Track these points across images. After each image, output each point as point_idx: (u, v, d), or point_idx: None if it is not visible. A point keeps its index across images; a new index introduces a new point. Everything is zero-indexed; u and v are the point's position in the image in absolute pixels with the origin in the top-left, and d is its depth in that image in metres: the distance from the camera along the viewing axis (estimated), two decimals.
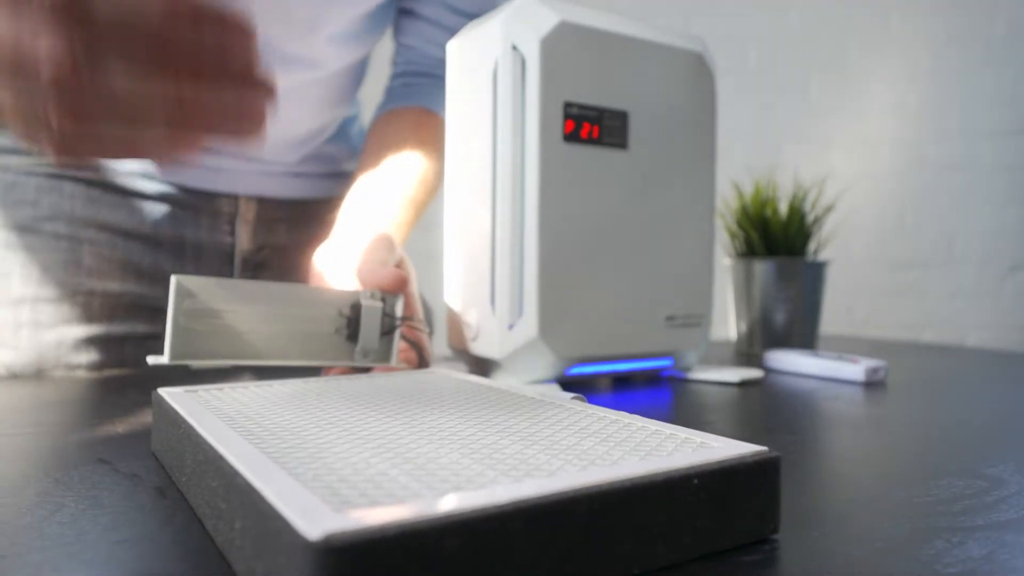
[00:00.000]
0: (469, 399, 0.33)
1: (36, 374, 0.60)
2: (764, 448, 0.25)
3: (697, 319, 0.59)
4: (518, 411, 0.31)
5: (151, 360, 0.39)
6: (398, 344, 0.47)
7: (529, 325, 0.51)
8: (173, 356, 0.40)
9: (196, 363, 0.40)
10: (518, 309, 0.51)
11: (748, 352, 0.78)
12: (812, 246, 0.79)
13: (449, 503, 0.18)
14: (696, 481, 0.22)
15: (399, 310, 0.47)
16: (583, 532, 0.20)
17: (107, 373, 0.59)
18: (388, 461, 0.23)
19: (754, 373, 0.59)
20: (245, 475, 0.21)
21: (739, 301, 0.79)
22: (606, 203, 0.53)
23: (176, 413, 0.30)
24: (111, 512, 0.26)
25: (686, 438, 0.26)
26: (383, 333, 0.46)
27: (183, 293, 0.40)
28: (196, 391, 0.35)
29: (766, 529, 0.24)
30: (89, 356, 0.61)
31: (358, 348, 0.46)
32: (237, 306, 0.42)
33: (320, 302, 0.45)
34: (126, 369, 0.62)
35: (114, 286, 0.62)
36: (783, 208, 0.78)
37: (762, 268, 0.76)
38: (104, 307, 0.62)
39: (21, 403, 0.46)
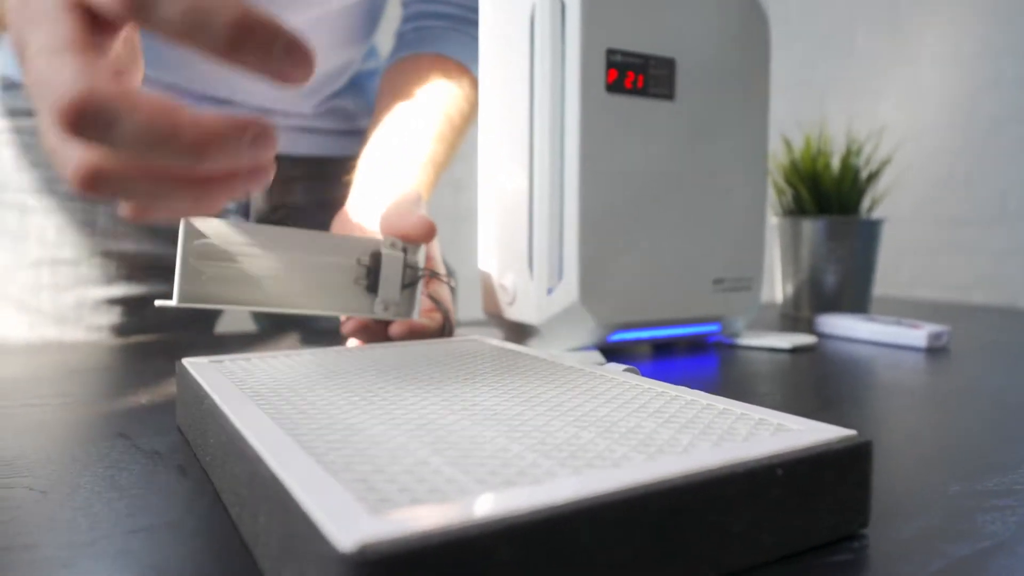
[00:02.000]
0: (510, 370, 0.31)
1: (59, 339, 0.59)
2: (853, 432, 0.22)
3: (747, 282, 0.55)
4: (566, 385, 0.28)
5: (159, 302, 0.37)
6: (420, 298, 0.44)
7: (569, 289, 0.48)
8: (182, 298, 0.37)
9: (206, 307, 0.38)
10: (557, 272, 0.48)
11: (795, 316, 0.74)
12: (865, 203, 0.75)
13: (504, 502, 0.16)
14: (780, 472, 0.19)
15: (421, 261, 0.44)
16: (653, 533, 0.17)
17: (131, 340, 0.58)
18: (428, 446, 0.20)
19: (806, 339, 0.55)
20: (269, 464, 0.18)
21: (786, 262, 0.75)
22: (651, 158, 0.50)
23: (199, 386, 0.28)
24: (128, 495, 0.24)
25: (761, 419, 0.23)
26: (404, 285, 0.44)
27: (192, 233, 0.37)
28: (222, 361, 0.33)
29: (855, 524, 0.21)
30: (111, 318, 0.60)
31: (378, 299, 0.43)
32: (251, 250, 0.39)
33: (339, 250, 0.42)
34: (149, 335, 0.61)
35: (130, 247, 0.60)
36: (835, 163, 0.74)
37: (812, 227, 0.72)
38: (122, 268, 0.60)
39: (43, 371, 0.45)
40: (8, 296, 0.59)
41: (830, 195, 0.73)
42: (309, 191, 0.69)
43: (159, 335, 0.61)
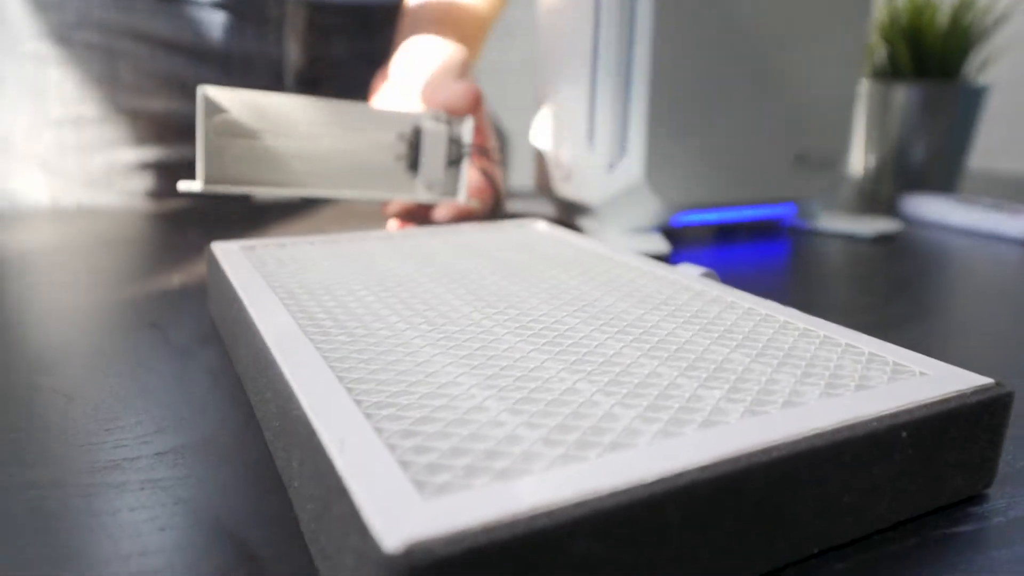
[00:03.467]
0: (569, 270, 0.27)
1: (90, 204, 0.57)
2: (990, 381, 0.18)
3: (832, 159, 0.50)
4: (637, 295, 0.24)
5: (182, 186, 0.34)
6: (466, 176, 0.40)
7: (633, 166, 0.43)
8: (207, 181, 0.34)
9: (233, 190, 0.35)
10: (620, 147, 0.44)
11: (874, 192, 0.68)
12: (971, 66, 0.66)
13: (582, 480, 0.13)
14: (905, 435, 0.16)
15: (468, 135, 0.40)
16: (752, 509, 0.14)
17: (166, 206, 0.55)
18: (484, 384, 0.17)
19: (890, 226, 0.50)
20: (305, 408, 0.16)
21: (870, 130, 0.68)
22: (735, 13, 0.43)
23: (229, 284, 0.25)
24: (156, 405, 0.22)
25: (871, 354, 0.20)
26: (449, 162, 0.40)
27: (212, 107, 0.33)
28: (254, 248, 0.30)
29: (979, 484, 0.18)
30: (143, 183, 0.58)
31: (420, 179, 0.39)
32: (278, 125, 0.35)
33: (377, 124, 0.38)
34: (185, 200, 0.58)
35: (158, 105, 0.57)
36: (943, 18, 0.64)
37: (906, 92, 0.64)
38: (151, 128, 0.57)
39: (75, 242, 0.43)
40: (34, 158, 0.57)
41: (932, 55, 0.64)
42: (350, 42, 0.63)
43: (195, 201, 0.59)
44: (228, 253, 0.29)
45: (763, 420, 0.16)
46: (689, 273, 0.27)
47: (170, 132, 0.57)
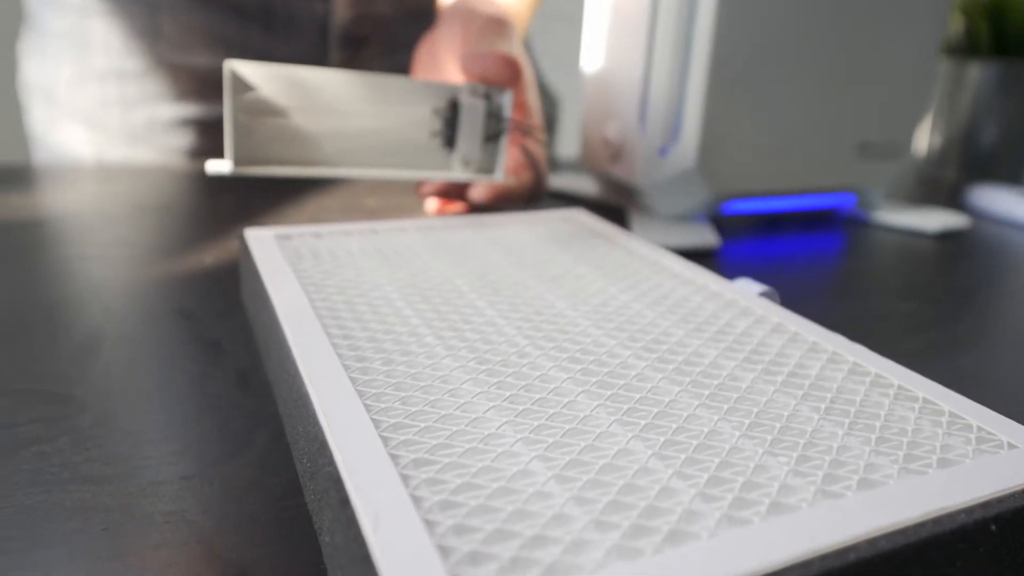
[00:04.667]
0: (619, 284, 0.26)
1: (130, 159, 0.56)
2: None
3: (897, 147, 0.46)
4: (694, 321, 0.23)
5: (211, 168, 0.33)
6: (505, 153, 0.38)
7: (686, 151, 0.40)
8: (237, 162, 0.33)
9: (263, 172, 0.33)
10: (674, 130, 0.41)
11: (936, 178, 0.64)
12: None
13: None
14: (995, 528, 0.15)
15: (507, 109, 0.37)
16: None
17: (203, 166, 0.54)
18: (539, 448, 0.16)
19: (956, 220, 0.47)
20: (334, 453, 0.15)
21: (938, 111, 0.64)
22: None
23: (262, 284, 0.24)
24: (182, 413, 0.21)
25: (953, 414, 0.18)
26: (487, 138, 0.38)
27: (239, 84, 0.32)
28: (290, 238, 0.29)
29: None
30: (184, 139, 0.57)
31: (457, 155, 0.37)
32: (309, 102, 0.33)
33: (411, 98, 0.36)
34: (224, 159, 0.57)
35: (200, 60, 0.55)
36: None
37: (982, 70, 0.59)
38: (193, 84, 0.56)
39: (110, 207, 0.42)
40: (77, 112, 0.56)
41: (1015, 32, 0.59)
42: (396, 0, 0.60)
43: None
44: (262, 243, 0.27)
45: (838, 507, 0.14)
46: (747, 291, 0.25)
47: (211, 88, 0.56)
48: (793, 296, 0.34)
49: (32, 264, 0.33)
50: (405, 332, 0.21)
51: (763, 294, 0.25)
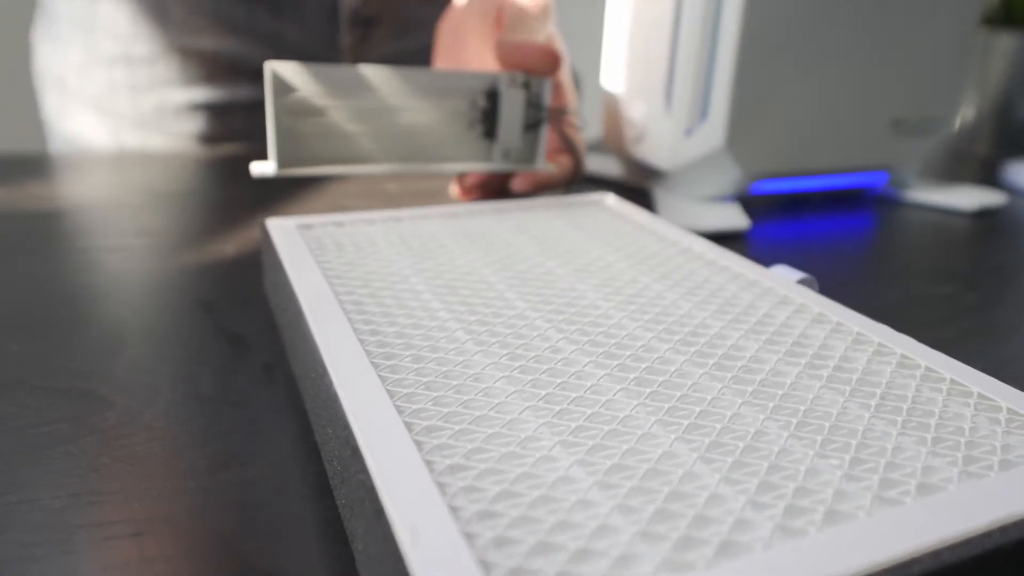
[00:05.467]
0: (653, 273, 0.25)
1: (141, 146, 0.56)
2: None
3: (934, 123, 0.45)
4: (731, 312, 0.22)
5: (256, 170, 0.32)
6: (545, 142, 0.37)
7: (714, 131, 0.39)
8: (281, 163, 0.33)
9: (307, 172, 0.33)
10: (701, 109, 0.40)
11: (968, 152, 0.62)
12: None
13: None
14: None
15: (547, 97, 0.37)
16: None
17: (219, 151, 0.54)
18: (578, 452, 0.15)
19: (993, 198, 0.46)
20: (371, 470, 0.14)
21: (970, 82, 0.62)
22: None
23: (286, 276, 0.23)
24: (207, 415, 0.21)
25: (1012, 411, 0.17)
26: (527, 127, 0.37)
27: (281, 85, 0.31)
28: (312, 227, 0.28)
29: None
30: (195, 125, 0.56)
31: (497, 146, 0.37)
32: (346, 99, 0.33)
33: (449, 90, 0.35)
34: (237, 144, 0.57)
35: (208, 43, 0.54)
36: None
37: (1017, 40, 0.57)
38: (202, 68, 0.55)
39: (127, 195, 0.42)
40: (86, 98, 0.55)
41: None
42: None
43: (249, 144, 0.57)
44: (284, 233, 0.27)
45: (898, 516, 0.13)
46: (785, 279, 0.24)
47: (220, 71, 0.55)
48: (826, 280, 0.33)
49: (53, 256, 0.32)
50: (434, 327, 0.20)
51: (801, 281, 0.25)
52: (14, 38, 1.13)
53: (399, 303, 0.22)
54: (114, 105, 0.55)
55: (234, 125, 0.57)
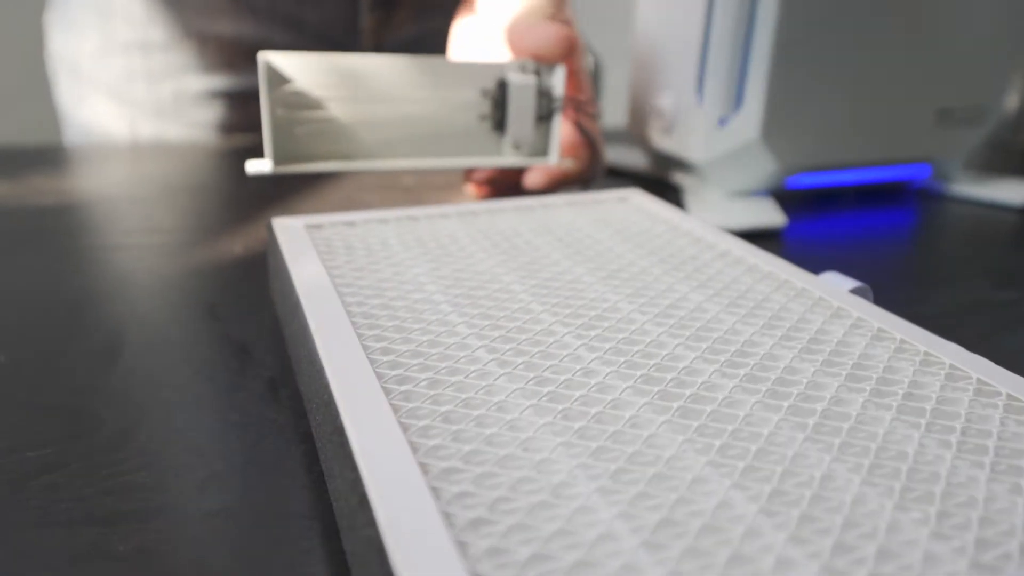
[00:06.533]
0: (691, 281, 0.23)
1: (159, 136, 0.54)
2: None
3: (980, 112, 0.42)
4: (781, 327, 0.20)
5: (251, 169, 0.30)
6: (559, 133, 0.35)
7: (749, 122, 0.37)
8: (277, 160, 0.31)
9: (305, 169, 0.31)
10: (735, 98, 0.37)
11: (1010, 143, 0.59)
12: None
13: None
14: None
15: (560, 86, 0.34)
16: None
17: (236, 141, 0.52)
18: (601, 479, 0.13)
19: None
20: (379, 522, 0.12)
21: (1020, 69, 0.58)
22: None
23: (291, 281, 0.22)
24: (207, 436, 0.19)
25: None
26: (539, 118, 0.35)
27: (275, 77, 0.30)
28: (321, 227, 0.26)
29: None
30: (212, 113, 0.54)
31: (507, 139, 0.35)
32: (349, 91, 0.31)
33: (457, 80, 0.33)
34: (256, 134, 0.55)
35: (227, 28, 0.52)
36: None
37: None
38: (220, 54, 0.53)
39: (137, 189, 0.40)
40: (103, 85, 0.54)
41: None
42: None
43: (260, 137, 0.55)
44: (291, 234, 0.25)
45: None
46: (836, 288, 0.22)
47: (239, 58, 0.54)
48: (872, 283, 0.31)
49: (54, 254, 0.31)
50: (453, 344, 0.18)
51: (855, 291, 0.22)
52: (26, 25, 1.12)
53: (415, 316, 0.20)
54: (131, 92, 0.53)
55: (253, 113, 0.55)
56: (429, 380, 0.17)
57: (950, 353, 0.19)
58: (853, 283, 0.22)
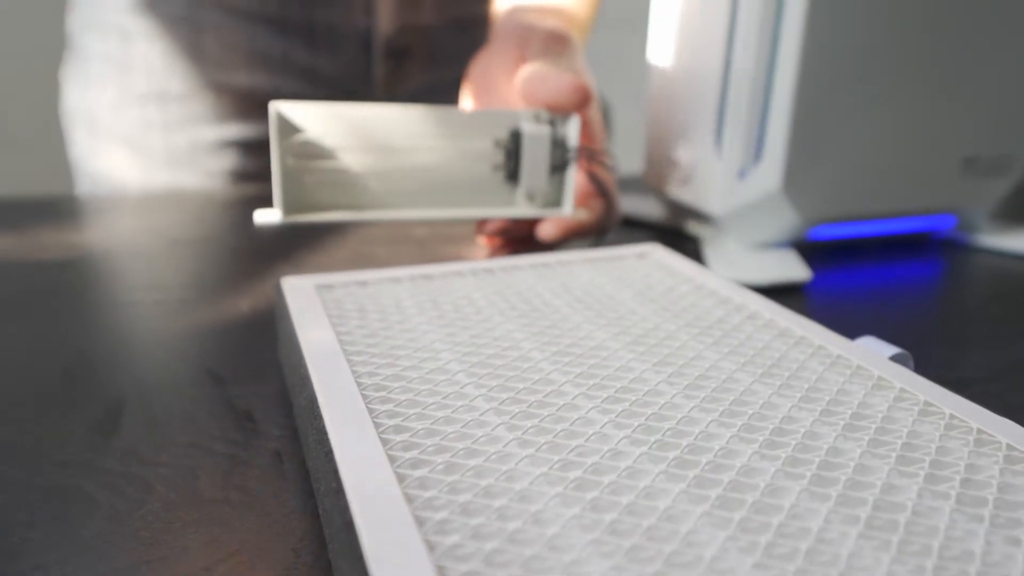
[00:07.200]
0: (720, 348, 0.22)
1: (172, 185, 0.54)
2: None
3: (1007, 161, 0.41)
4: (818, 400, 0.19)
5: (259, 218, 0.30)
6: (573, 184, 0.35)
7: (770, 173, 0.36)
8: (287, 210, 0.30)
9: (315, 219, 0.30)
10: (755, 150, 0.37)
11: None
12: None
13: None
14: None
15: (574, 136, 0.34)
16: None
17: (248, 190, 0.52)
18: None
19: None
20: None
21: None
22: None
23: (299, 348, 0.21)
24: (206, 519, 0.18)
25: None
26: (553, 169, 0.34)
27: (286, 126, 0.29)
28: (332, 288, 0.25)
29: None
30: (226, 162, 0.54)
31: (520, 189, 0.34)
32: (360, 141, 0.31)
33: (470, 130, 0.33)
34: (268, 183, 0.55)
35: (242, 79, 0.53)
36: None
37: None
38: (235, 104, 0.53)
39: (148, 242, 0.40)
40: (119, 135, 0.54)
41: None
42: (440, 8, 0.57)
43: (270, 187, 0.55)
44: (300, 296, 0.24)
45: None
46: (875, 355, 0.21)
47: (254, 108, 0.54)
48: (904, 344, 0.30)
49: (54, 314, 0.30)
50: (470, 421, 0.17)
51: (894, 358, 0.21)
52: (41, 79, 1.14)
53: (430, 389, 0.19)
54: (146, 143, 0.54)
55: (267, 162, 0.55)
56: (445, 464, 0.15)
57: (1003, 430, 0.17)
58: (892, 349, 0.21)
